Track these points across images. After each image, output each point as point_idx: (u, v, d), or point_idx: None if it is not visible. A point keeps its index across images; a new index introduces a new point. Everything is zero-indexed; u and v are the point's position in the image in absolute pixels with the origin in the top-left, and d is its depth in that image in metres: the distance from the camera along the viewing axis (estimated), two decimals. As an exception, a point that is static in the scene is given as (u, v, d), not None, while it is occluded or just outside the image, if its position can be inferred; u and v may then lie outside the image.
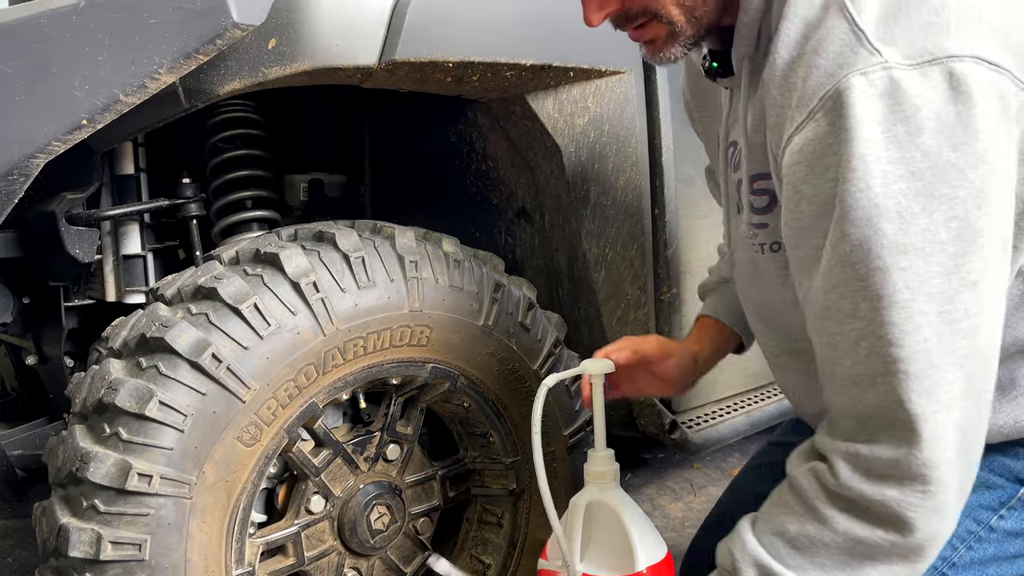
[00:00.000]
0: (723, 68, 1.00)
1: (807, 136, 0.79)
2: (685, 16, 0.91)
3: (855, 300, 0.78)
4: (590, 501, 1.11)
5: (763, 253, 1.01)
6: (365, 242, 1.18)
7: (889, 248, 0.75)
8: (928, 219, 0.74)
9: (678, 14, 0.91)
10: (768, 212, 0.97)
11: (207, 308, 1.07)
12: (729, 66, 0.98)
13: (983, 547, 1.02)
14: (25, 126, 1.01)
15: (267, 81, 1.16)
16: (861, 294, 0.77)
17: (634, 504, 1.13)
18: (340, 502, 1.26)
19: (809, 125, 0.79)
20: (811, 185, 0.79)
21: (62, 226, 1.25)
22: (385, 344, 1.18)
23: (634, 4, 0.91)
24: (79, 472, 1.00)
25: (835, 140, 0.76)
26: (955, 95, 0.73)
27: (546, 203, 1.61)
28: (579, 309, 1.67)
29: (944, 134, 0.73)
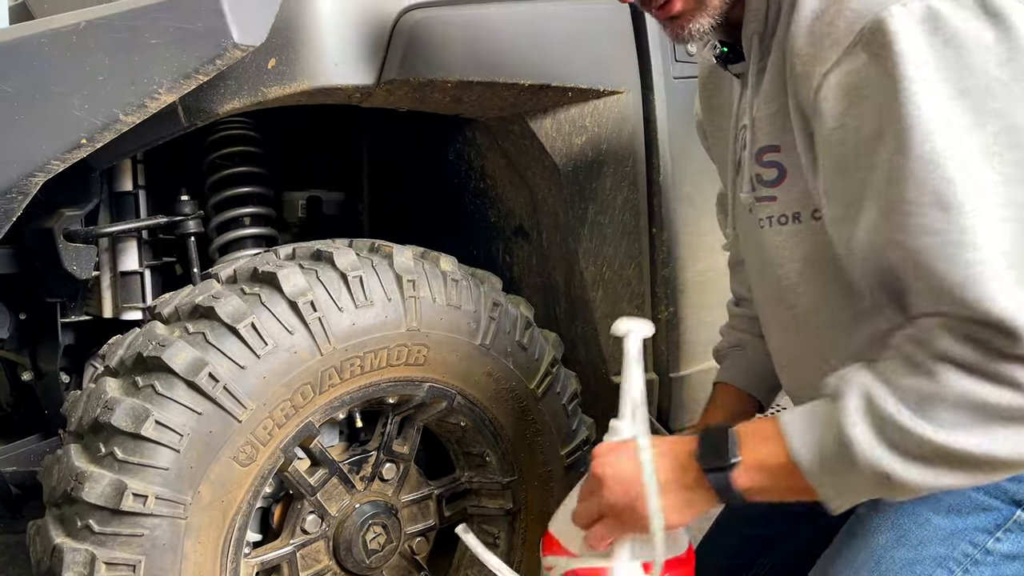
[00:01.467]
0: (733, 55, 1.02)
1: (847, 69, 0.80)
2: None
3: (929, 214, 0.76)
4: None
5: (770, 226, 1.00)
6: (363, 261, 1.18)
7: (952, 160, 0.75)
8: (981, 132, 0.75)
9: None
10: (776, 185, 0.98)
11: (204, 327, 1.07)
12: (739, 53, 1.00)
13: (979, 570, 1.01)
14: (24, 145, 1.01)
15: (267, 100, 1.17)
16: (936, 207, 0.76)
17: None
18: (336, 522, 1.25)
19: (847, 60, 0.80)
20: (854, 116, 0.80)
21: (60, 243, 1.25)
22: (382, 363, 1.18)
23: None
24: (74, 492, 0.99)
25: (879, 68, 0.77)
26: (991, 17, 0.75)
27: (544, 221, 1.62)
28: (576, 327, 1.67)
29: (987, 53, 0.75)
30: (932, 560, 0.98)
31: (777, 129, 0.96)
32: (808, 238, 0.97)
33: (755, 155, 1.00)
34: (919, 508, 1.01)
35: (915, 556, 0.99)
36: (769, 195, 0.99)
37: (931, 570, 0.98)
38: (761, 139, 0.98)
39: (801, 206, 0.96)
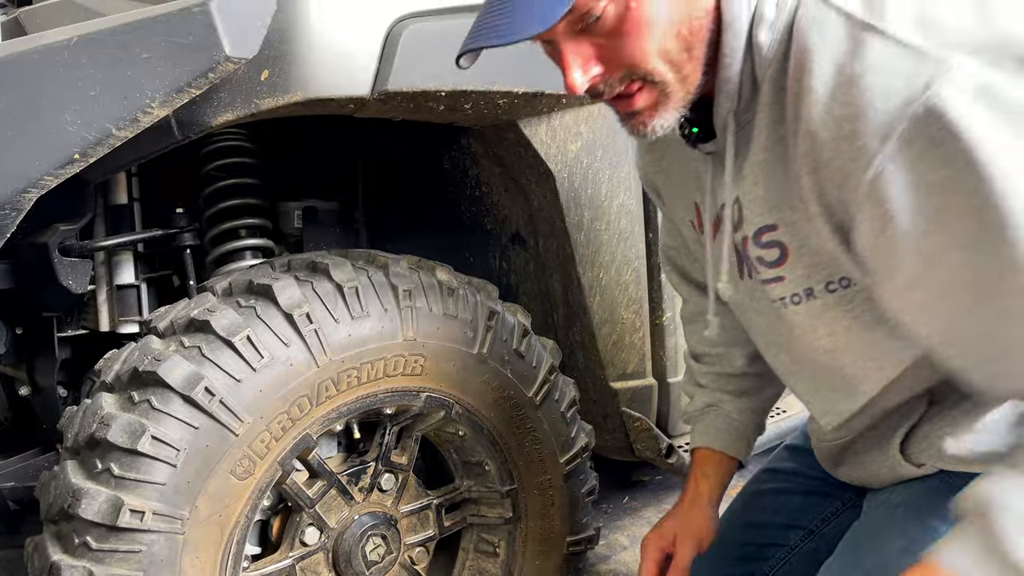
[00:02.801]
0: (703, 133, 0.97)
1: (907, 160, 0.75)
2: (674, 74, 0.86)
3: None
4: None
5: (788, 306, 0.97)
6: (359, 272, 1.18)
7: None
8: None
9: (667, 72, 0.86)
10: (780, 265, 0.94)
11: (200, 341, 1.07)
12: (709, 130, 0.95)
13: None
14: (17, 161, 1.01)
15: (260, 112, 1.17)
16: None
17: None
18: (335, 534, 1.25)
19: (905, 150, 0.75)
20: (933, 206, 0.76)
21: (55, 257, 1.25)
22: (379, 374, 1.18)
23: (618, 66, 0.86)
24: (71, 508, 0.99)
25: (944, 152, 0.73)
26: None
27: (540, 228, 1.62)
28: (574, 334, 1.67)
29: None
30: None
31: (770, 209, 0.92)
32: (828, 311, 0.94)
33: (753, 238, 0.95)
34: (929, 518, 1.01)
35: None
36: (776, 276, 0.96)
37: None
38: (756, 220, 0.94)
39: (812, 281, 0.93)
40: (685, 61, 0.86)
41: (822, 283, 0.93)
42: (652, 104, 0.88)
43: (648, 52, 0.84)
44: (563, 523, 1.40)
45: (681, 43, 0.85)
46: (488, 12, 0.86)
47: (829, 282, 0.92)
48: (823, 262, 0.91)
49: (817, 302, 0.94)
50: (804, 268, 0.93)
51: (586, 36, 0.85)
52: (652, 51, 0.84)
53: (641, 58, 0.84)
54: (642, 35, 0.83)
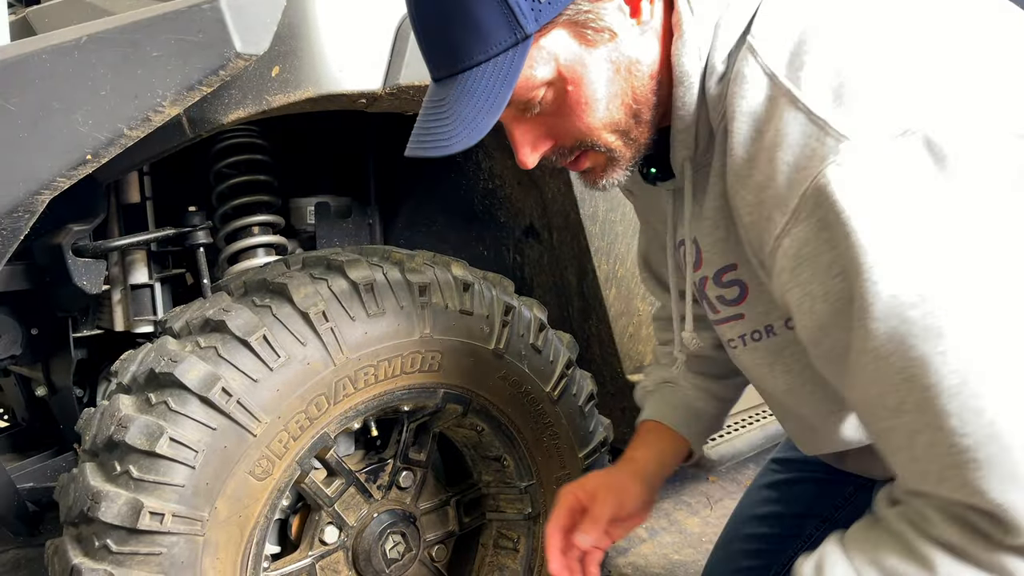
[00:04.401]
0: (661, 172, 0.96)
1: (799, 237, 0.75)
2: (622, 141, 0.86)
3: (899, 394, 0.72)
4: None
5: (745, 345, 0.96)
6: (374, 269, 1.17)
7: (922, 335, 0.69)
8: (948, 295, 0.68)
9: (614, 140, 0.86)
10: (741, 302, 0.94)
11: (216, 341, 1.06)
12: (668, 169, 0.94)
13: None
14: (29, 163, 1.00)
15: (271, 109, 1.15)
16: (905, 387, 0.71)
17: None
18: (354, 532, 1.24)
19: (797, 227, 0.74)
20: (820, 284, 0.75)
21: (69, 258, 1.25)
22: (396, 371, 1.17)
23: (566, 139, 0.86)
24: (90, 512, 0.99)
25: (831, 236, 0.72)
26: (937, 161, 0.68)
27: (554, 221, 1.60)
28: (590, 326, 1.66)
29: (937, 203, 0.68)
30: None
31: (730, 249, 0.91)
32: (786, 347, 0.93)
33: (713, 277, 0.95)
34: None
35: None
36: (736, 313, 0.95)
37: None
38: (716, 261, 0.93)
39: (772, 318, 0.92)
40: (633, 127, 0.86)
41: (782, 320, 0.92)
42: (601, 166, 0.89)
43: (593, 128, 0.84)
44: (582, 518, 1.39)
45: (627, 112, 0.85)
46: (428, 114, 0.85)
47: (788, 319, 0.90)
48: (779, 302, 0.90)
49: (777, 339, 0.93)
50: (764, 305, 0.92)
51: (533, 117, 0.85)
52: (598, 126, 0.84)
53: (588, 133, 0.85)
54: (585, 114, 0.83)
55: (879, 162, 0.69)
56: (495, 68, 0.78)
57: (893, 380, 0.71)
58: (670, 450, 1.18)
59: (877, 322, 0.70)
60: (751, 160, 0.78)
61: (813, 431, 1.02)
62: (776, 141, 0.75)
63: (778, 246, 0.77)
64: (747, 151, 0.79)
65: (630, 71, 0.83)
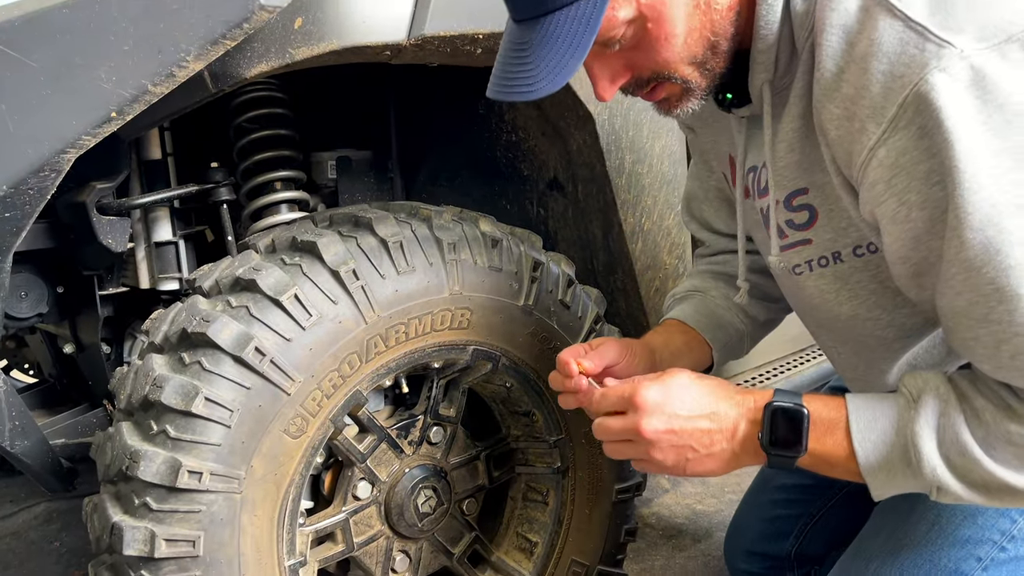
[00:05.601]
0: (737, 98, 0.96)
1: (897, 147, 0.75)
2: (699, 72, 0.87)
3: (987, 304, 0.74)
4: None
5: (811, 271, 0.97)
6: (402, 226, 1.15)
7: (1019, 243, 0.70)
8: None
9: (691, 72, 0.87)
10: (809, 227, 0.94)
11: (247, 300, 1.05)
12: (743, 95, 0.94)
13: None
14: (53, 121, 0.98)
15: (295, 63, 1.13)
16: (994, 297, 0.73)
17: None
18: (386, 487, 1.25)
19: (894, 136, 0.74)
20: (917, 193, 0.75)
21: (93, 216, 1.24)
22: (426, 329, 1.16)
23: (643, 70, 0.87)
24: (129, 470, 0.99)
25: (931, 144, 0.72)
26: None
27: (579, 173, 1.58)
28: (615, 280, 1.64)
29: None
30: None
31: (804, 172, 0.92)
32: (852, 274, 0.94)
33: (784, 201, 0.95)
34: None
35: (971, 535, 0.99)
36: (803, 238, 0.95)
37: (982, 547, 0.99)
38: (787, 185, 0.94)
39: (840, 245, 0.93)
40: (710, 58, 0.87)
41: (849, 248, 0.92)
42: (677, 95, 0.90)
43: (672, 61, 0.85)
44: (611, 471, 1.40)
45: (705, 44, 0.85)
46: (510, 56, 0.85)
47: (857, 247, 0.92)
48: (850, 227, 0.91)
49: (844, 265, 0.94)
50: (833, 232, 0.93)
51: (612, 52, 0.85)
52: (677, 59, 0.85)
53: (665, 66, 0.86)
54: (665, 48, 0.84)
55: (983, 69, 0.69)
56: (578, 11, 0.78)
57: (983, 290, 0.73)
58: (685, 347, 1.17)
59: (973, 232, 0.71)
60: (841, 72, 0.79)
61: (868, 364, 1.03)
62: (870, 51, 0.75)
63: (872, 157, 0.77)
64: (837, 64, 0.79)
65: (708, 4, 0.83)
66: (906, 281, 0.84)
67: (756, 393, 0.89)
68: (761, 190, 0.99)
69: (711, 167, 1.21)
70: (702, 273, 1.28)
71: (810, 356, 1.98)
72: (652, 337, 1.16)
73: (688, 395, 0.88)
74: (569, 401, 1.02)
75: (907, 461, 0.80)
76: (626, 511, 1.43)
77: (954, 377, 0.83)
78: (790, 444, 0.85)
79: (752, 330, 1.24)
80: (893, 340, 0.96)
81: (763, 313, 1.24)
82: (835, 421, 0.84)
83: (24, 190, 1.00)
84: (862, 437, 0.82)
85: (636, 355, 1.07)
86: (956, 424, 0.78)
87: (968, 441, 0.78)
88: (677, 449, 0.89)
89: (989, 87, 0.69)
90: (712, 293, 1.23)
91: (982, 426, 0.78)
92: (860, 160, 0.78)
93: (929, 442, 0.79)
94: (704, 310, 1.20)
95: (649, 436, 0.89)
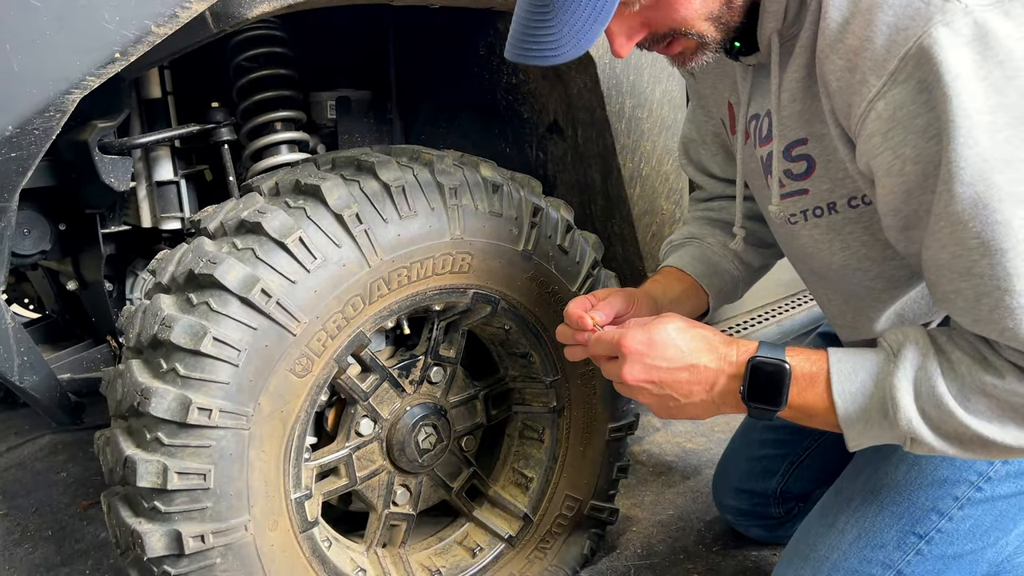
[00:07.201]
0: (745, 47, 0.96)
1: (896, 100, 0.76)
2: (714, 27, 0.88)
3: (970, 258, 0.76)
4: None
5: (806, 220, 0.99)
6: (404, 170, 1.16)
7: (1007, 200, 0.72)
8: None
9: (707, 27, 0.88)
10: (807, 177, 0.96)
11: (252, 243, 1.07)
12: (752, 43, 0.95)
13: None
14: (58, 61, 0.98)
15: (296, 3, 1.12)
16: (978, 251, 0.75)
17: None
18: (388, 424, 1.29)
19: (894, 89, 0.76)
20: (912, 147, 0.77)
21: (96, 155, 1.24)
22: (428, 272, 1.19)
23: (660, 27, 0.87)
24: (141, 407, 1.03)
25: (930, 98, 0.73)
26: None
27: (579, 117, 1.58)
28: (613, 225, 1.66)
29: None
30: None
31: (804, 123, 0.93)
32: (846, 225, 0.96)
33: (784, 152, 0.96)
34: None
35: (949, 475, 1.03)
36: (800, 188, 0.97)
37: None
38: (788, 135, 0.95)
39: (835, 196, 0.94)
40: (725, 13, 0.88)
41: (844, 199, 0.94)
42: (692, 49, 0.91)
43: (690, 18, 0.86)
44: (605, 411, 1.44)
45: (722, 1, 0.87)
46: (532, 17, 0.84)
47: (852, 198, 0.94)
48: (847, 178, 0.92)
49: (838, 216, 0.96)
50: (829, 182, 0.95)
51: (630, 10, 0.86)
52: (694, 16, 0.86)
53: (683, 23, 0.86)
54: (682, 7, 0.85)
55: (986, 25, 0.71)
56: None
57: (968, 244, 0.75)
58: (683, 295, 1.20)
59: (963, 186, 0.73)
60: (845, 24, 0.80)
61: (856, 313, 1.06)
62: (876, 2, 0.76)
63: (871, 109, 0.79)
64: (843, 14, 0.80)
65: None
66: (895, 233, 0.86)
67: (740, 345, 0.92)
68: (763, 138, 1.00)
69: (710, 112, 1.22)
70: (699, 220, 1.30)
71: (802, 301, 2.02)
72: (652, 286, 1.19)
73: (672, 345, 0.91)
74: (577, 353, 1.04)
75: (884, 413, 0.84)
76: (619, 449, 1.48)
77: (933, 332, 0.86)
78: (770, 399, 0.88)
79: (747, 275, 1.26)
80: (881, 291, 0.99)
81: (757, 259, 1.26)
82: (816, 375, 0.87)
83: (30, 130, 1.00)
84: (842, 389, 0.86)
85: (641, 304, 1.10)
86: (933, 377, 0.82)
87: (944, 393, 0.81)
88: (659, 397, 0.93)
89: (991, 43, 0.70)
90: (708, 240, 1.25)
91: (957, 378, 0.81)
92: (859, 112, 0.80)
93: (907, 395, 0.82)
94: (701, 257, 1.23)
95: (631, 383, 0.93)
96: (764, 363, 0.88)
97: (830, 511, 1.13)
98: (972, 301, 0.78)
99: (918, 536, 1.03)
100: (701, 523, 1.67)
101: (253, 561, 1.11)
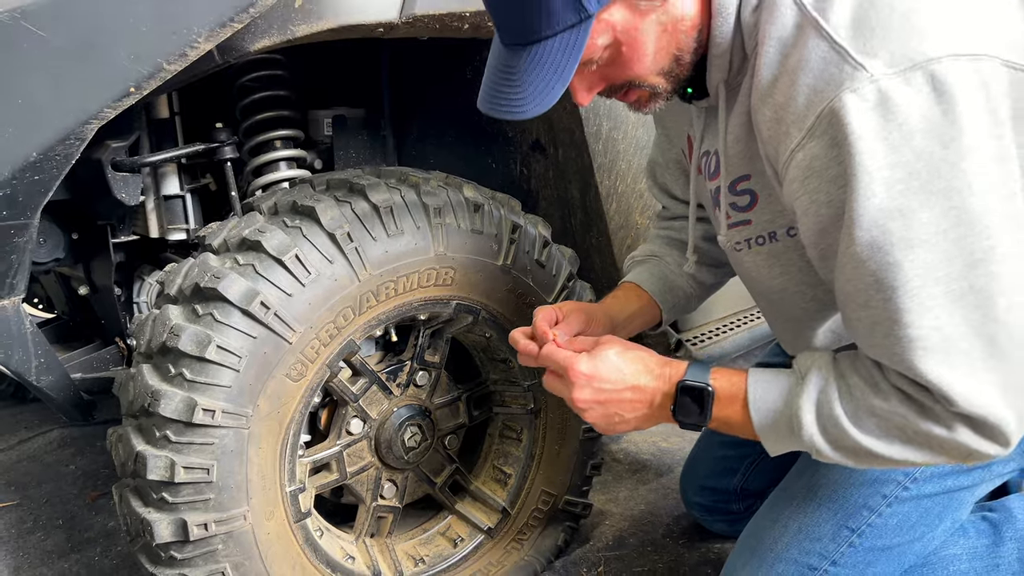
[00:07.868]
0: (697, 92, 1.06)
1: (812, 152, 0.86)
2: (665, 79, 0.98)
3: (867, 293, 0.86)
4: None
5: (749, 248, 1.10)
6: (392, 192, 1.27)
7: (898, 244, 0.82)
8: (929, 213, 0.81)
9: (659, 80, 0.97)
10: (750, 209, 1.07)
11: (253, 259, 1.18)
12: (703, 89, 1.05)
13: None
14: (79, 95, 1.09)
15: (295, 39, 1.23)
16: (874, 287, 0.85)
17: None
18: (376, 424, 1.40)
19: (811, 142, 0.86)
20: (826, 193, 0.87)
21: (109, 173, 1.35)
22: (413, 285, 1.29)
23: (617, 80, 0.98)
24: (151, 407, 1.13)
25: (838, 153, 0.83)
26: (938, 96, 0.79)
27: (560, 137, 1.68)
28: (591, 238, 1.77)
29: (933, 133, 0.79)
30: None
31: (746, 161, 1.03)
32: (785, 253, 1.07)
33: (729, 187, 1.07)
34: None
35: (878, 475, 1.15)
36: (744, 219, 1.08)
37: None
38: (733, 171, 1.06)
39: (775, 226, 1.06)
40: (675, 68, 0.97)
41: (783, 228, 1.05)
42: (645, 97, 1.01)
43: (644, 73, 0.96)
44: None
45: (671, 59, 0.96)
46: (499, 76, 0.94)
47: (790, 228, 1.05)
48: (784, 211, 1.03)
49: (778, 244, 1.07)
50: (770, 214, 1.06)
51: (590, 69, 0.95)
52: (647, 72, 0.96)
53: (638, 78, 0.96)
54: (637, 65, 0.95)
55: (888, 92, 0.80)
56: (562, 42, 0.88)
57: (866, 280, 0.86)
58: (639, 311, 1.32)
59: (862, 231, 0.84)
60: (775, 81, 0.90)
61: (796, 330, 1.17)
62: (799, 65, 0.87)
63: (792, 158, 0.89)
64: (772, 73, 0.90)
65: (676, 28, 0.94)
66: (817, 263, 0.97)
67: (673, 365, 1.04)
68: (711, 173, 1.11)
69: (672, 141, 1.33)
70: (660, 238, 1.41)
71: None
72: (612, 302, 1.31)
73: (616, 369, 1.03)
74: (528, 360, 1.16)
75: (791, 428, 0.95)
76: (592, 448, 1.59)
77: (839, 357, 0.97)
78: (695, 415, 1.01)
79: (700, 292, 1.39)
80: (816, 311, 1.10)
81: (710, 278, 1.38)
82: (735, 395, 0.99)
83: (51, 156, 1.11)
84: (756, 407, 0.98)
85: (598, 323, 1.22)
86: (832, 400, 0.93)
87: (840, 415, 0.92)
88: (606, 415, 1.06)
89: (891, 108, 0.80)
90: (667, 259, 1.37)
91: (852, 401, 0.92)
92: (784, 159, 0.90)
93: (809, 415, 0.94)
94: (659, 275, 1.35)
95: (580, 405, 1.05)
96: (691, 386, 1.00)
97: (775, 507, 1.24)
98: (868, 328, 0.88)
99: (851, 530, 1.15)
100: (670, 518, 1.78)
101: (251, 547, 1.22)
